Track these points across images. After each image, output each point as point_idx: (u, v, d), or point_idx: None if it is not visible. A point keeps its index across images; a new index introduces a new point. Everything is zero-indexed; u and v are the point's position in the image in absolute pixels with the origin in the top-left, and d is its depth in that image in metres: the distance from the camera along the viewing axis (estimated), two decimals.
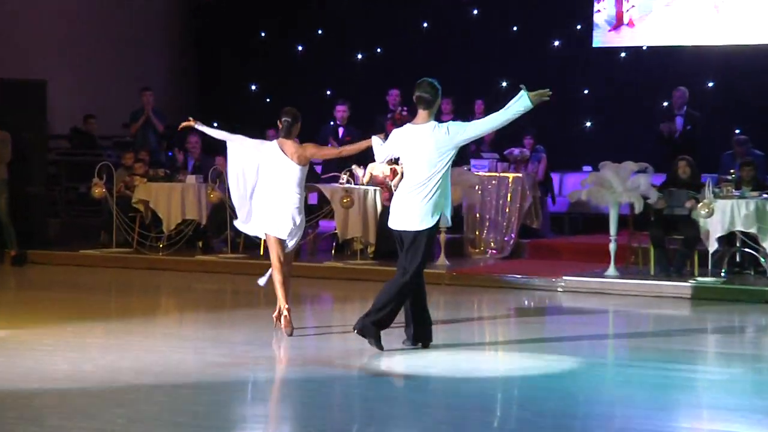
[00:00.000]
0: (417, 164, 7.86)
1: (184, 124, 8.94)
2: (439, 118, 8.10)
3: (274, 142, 8.69)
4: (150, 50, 18.76)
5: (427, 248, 7.90)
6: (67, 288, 11.93)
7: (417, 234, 7.85)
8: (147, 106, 15.69)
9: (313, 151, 8.67)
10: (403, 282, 7.85)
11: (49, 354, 7.69)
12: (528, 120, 14.76)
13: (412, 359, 7.76)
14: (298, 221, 8.59)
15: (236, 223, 8.97)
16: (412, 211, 7.85)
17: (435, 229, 7.92)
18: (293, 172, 8.58)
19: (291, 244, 8.69)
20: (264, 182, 8.69)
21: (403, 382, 7.30)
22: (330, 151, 9.17)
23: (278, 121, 8.71)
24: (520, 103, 7.72)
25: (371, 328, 7.88)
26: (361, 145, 8.61)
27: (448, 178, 7.92)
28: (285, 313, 8.51)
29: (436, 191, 7.81)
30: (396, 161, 8.05)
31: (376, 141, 8.27)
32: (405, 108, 14.00)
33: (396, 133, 8.05)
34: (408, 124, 8.01)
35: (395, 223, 7.99)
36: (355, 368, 7.54)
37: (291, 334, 8.46)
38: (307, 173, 8.86)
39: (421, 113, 7.93)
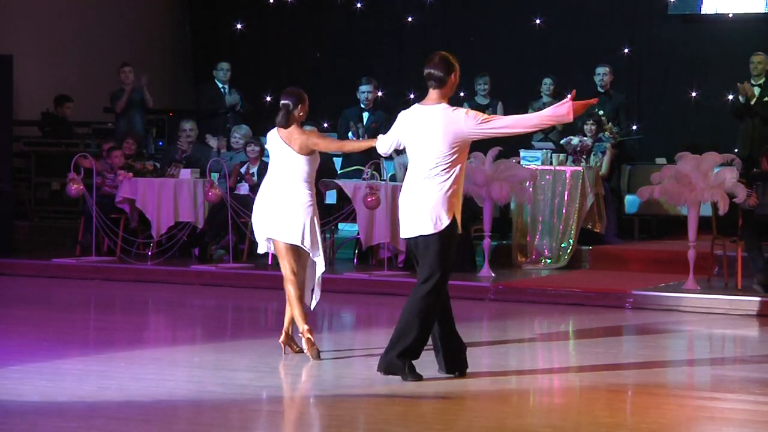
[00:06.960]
0: (422, 152, 7.79)
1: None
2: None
3: (273, 130, 8.79)
4: (135, 22, 18.82)
5: (443, 254, 7.77)
6: (38, 304, 11.98)
7: (428, 238, 7.77)
8: (126, 84, 15.68)
9: (316, 141, 8.75)
10: (422, 298, 7.74)
11: (16, 383, 7.74)
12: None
13: (447, 388, 7.76)
14: (308, 222, 8.62)
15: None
16: (420, 211, 7.76)
17: (452, 231, 7.79)
18: (297, 164, 8.65)
19: (316, 254, 8.70)
20: (266, 179, 8.78)
21: (441, 416, 7.31)
22: (332, 144, 9.18)
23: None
24: (561, 113, 7.71)
25: (397, 363, 7.81)
26: (362, 144, 9.21)
27: (461, 176, 7.82)
28: (308, 335, 8.53)
29: (446, 187, 7.72)
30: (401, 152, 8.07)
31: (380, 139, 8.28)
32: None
33: (402, 115, 8.02)
34: (416, 105, 8.00)
35: (405, 230, 7.93)
36: (382, 399, 7.55)
37: (318, 357, 8.54)
38: (321, 166, 8.91)
39: (431, 93, 7.90)
